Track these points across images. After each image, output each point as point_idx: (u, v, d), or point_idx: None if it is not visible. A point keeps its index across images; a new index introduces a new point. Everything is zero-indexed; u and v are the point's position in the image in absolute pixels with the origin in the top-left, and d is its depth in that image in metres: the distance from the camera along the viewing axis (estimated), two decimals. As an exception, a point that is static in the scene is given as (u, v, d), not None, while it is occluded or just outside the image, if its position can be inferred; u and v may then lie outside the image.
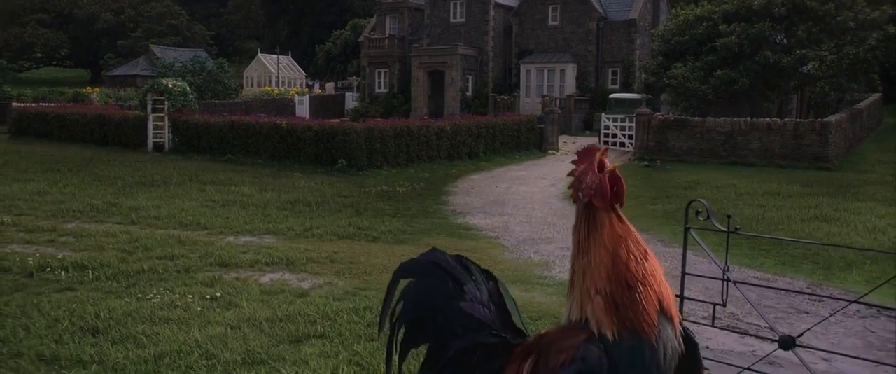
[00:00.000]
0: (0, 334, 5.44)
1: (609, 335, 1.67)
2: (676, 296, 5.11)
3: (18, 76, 57.11)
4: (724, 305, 4.94)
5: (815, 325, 4.90)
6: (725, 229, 4.78)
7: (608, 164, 1.78)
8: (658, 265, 1.77)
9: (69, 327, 5.58)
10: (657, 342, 1.68)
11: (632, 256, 1.71)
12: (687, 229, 5.03)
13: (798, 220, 11.55)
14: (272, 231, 9.97)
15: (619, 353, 1.65)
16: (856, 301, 4.23)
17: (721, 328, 6.24)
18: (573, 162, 1.86)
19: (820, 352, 5.56)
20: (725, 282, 4.90)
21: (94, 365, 4.84)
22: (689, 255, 6.87)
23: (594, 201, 1.75)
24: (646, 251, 1.75)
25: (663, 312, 1.70)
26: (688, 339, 1.79)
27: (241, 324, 5.70)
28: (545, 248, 9.42)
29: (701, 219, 4.74)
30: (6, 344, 5.22)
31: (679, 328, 1.74)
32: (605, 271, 1.70)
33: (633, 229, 1.78)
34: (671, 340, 1.72)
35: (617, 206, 1.77)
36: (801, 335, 4.80)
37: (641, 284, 1.69)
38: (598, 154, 1.80)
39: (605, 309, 1.68)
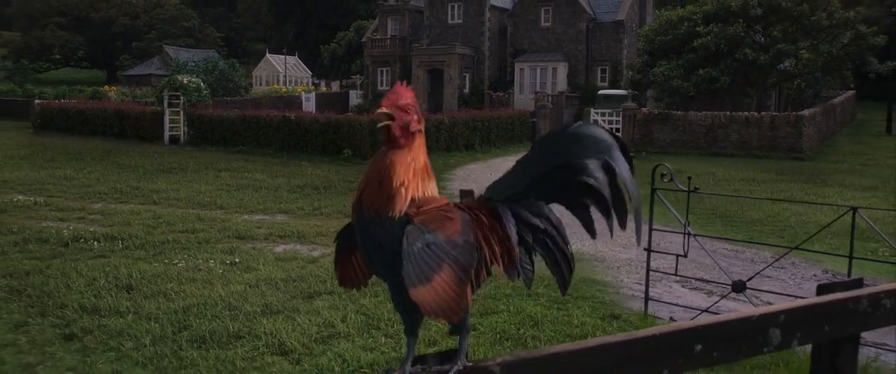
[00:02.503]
0: (45, 289, 6.13)
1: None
2: (644, 250, 5.81)
3: (38, 77, 58.35)
4: (685, 255, 5.66)
5: (764, 269, 5.58)
6: (686, 189, 5.49)
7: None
8: None
9: (106, 284, 6.26)
10: None
11: None
12: (654, 191, 5.73)
13: (769, 202, 12.18)
14: (283, 211, 10.65)
15: None
16: (796, 248, 4.91)
17: (691, 289, 6.92)
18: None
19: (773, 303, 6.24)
20: (686, 236, 5.63)
21: (131, 315, 5.52)
22: (668, 229, 7.54)
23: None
24: None
25: None
26: None
27: (258, 283, 6.38)
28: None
29: (665, 180, 5.46)
30: (51, 297, 5.90)
31: None
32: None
33: None
34: None
35: None
36: (751, 279, 5.52)
37: None
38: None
39: None
